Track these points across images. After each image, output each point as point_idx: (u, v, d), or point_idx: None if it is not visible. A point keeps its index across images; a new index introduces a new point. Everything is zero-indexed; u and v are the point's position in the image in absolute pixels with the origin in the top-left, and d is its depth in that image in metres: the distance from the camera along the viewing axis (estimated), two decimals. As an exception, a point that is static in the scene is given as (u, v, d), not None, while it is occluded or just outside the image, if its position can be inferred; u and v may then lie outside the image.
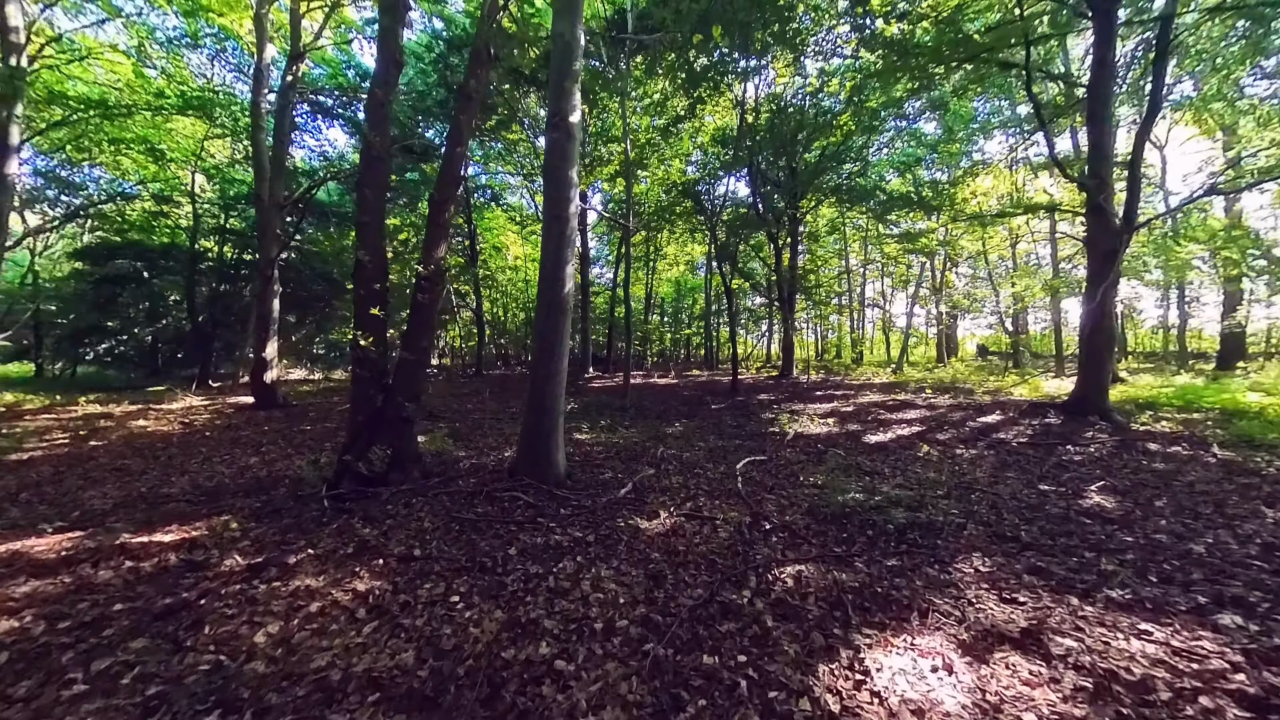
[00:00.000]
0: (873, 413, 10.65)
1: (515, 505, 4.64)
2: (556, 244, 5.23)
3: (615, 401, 12.48)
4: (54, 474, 5.96)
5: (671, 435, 8.75)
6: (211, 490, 5.24)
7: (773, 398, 13.67)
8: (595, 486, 5.38)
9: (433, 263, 5.57)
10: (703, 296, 28.27)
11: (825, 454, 7.16)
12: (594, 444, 7.83)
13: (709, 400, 13.19)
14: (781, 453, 7.36)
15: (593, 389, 16.41)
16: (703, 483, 5.81)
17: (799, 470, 6.35)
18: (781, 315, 19.27)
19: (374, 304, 5.29)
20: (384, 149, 5.68)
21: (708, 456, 7.12)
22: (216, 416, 10.64)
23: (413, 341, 5.44)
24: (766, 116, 15.58)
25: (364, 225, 5.54)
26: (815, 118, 15.53)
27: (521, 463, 5.29)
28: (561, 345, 5.24)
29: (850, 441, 8.03)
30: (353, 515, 4.31)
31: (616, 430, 9.08)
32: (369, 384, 5.23)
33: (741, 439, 8.44)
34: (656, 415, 11.00)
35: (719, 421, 10.12)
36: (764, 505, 4.98)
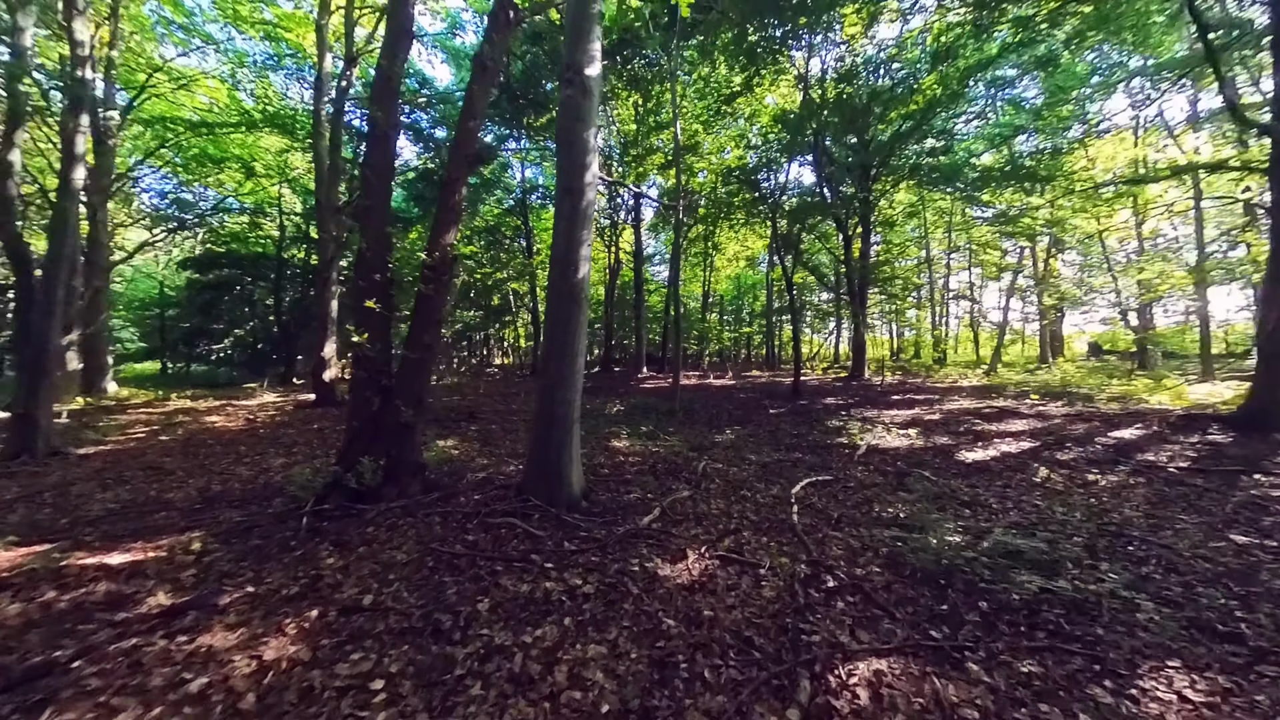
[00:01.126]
0: (965, 422, 8.84)
1: (511, 534, 3.78)
2: (569, 221, 4.33)
3: (664, 404, 11.47)
4: (94, 471, 5.94)
5: (719, 445, 7.60)
6: (214, 497, 4.87)
7: (840, 402, 12.03)
8: (615, 510, 4.42)
9: (440, 250, 4.87)
10: (764, 293, 26.51)
11: (908, 475, 5.72)
12: (628, 453, 6.88)
13: (767, 404, 11.82)
14: (850, 471, 6.01)
15: (644, 390, 15.50)
16: (749, 509, 4.67)
17: (873, 497, 5.01)
18: (851, 311, 17.32)
19: (374, 296, 4.66)
20: (388, 127, 5.07)
21: (759, 473, 5.93)
22: (278, 413, 10.86)
23: (416, 338, 4.76)
24: (834, 90, 13.87)
25: (366, 210, 4.95)
26: (892, 87, 13.61)
27: (529, 480, 4.44)
28: (575, 342, 4.33)
29: (939, 459, 6.49)
30: (325, 538, 3.65)
31: (658, 437, 8.08)
32: (366, 386, 4.62)
33: (801, 451, 7.13)
34: (706, 420, 9.86)
35: (776, 429, 8.81)
36: (826, 547, 3.77)
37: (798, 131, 13.43)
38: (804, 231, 16.50)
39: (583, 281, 4.35)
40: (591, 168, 4.43)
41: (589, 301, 4.54)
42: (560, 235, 4.36)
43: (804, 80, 13.40)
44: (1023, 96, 15.08)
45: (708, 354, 24.28)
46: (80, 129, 6.88)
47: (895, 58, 14.28)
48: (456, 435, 7.99)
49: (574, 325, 4.32)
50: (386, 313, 4.75)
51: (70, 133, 6.84)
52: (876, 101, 13.12)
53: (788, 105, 15.00)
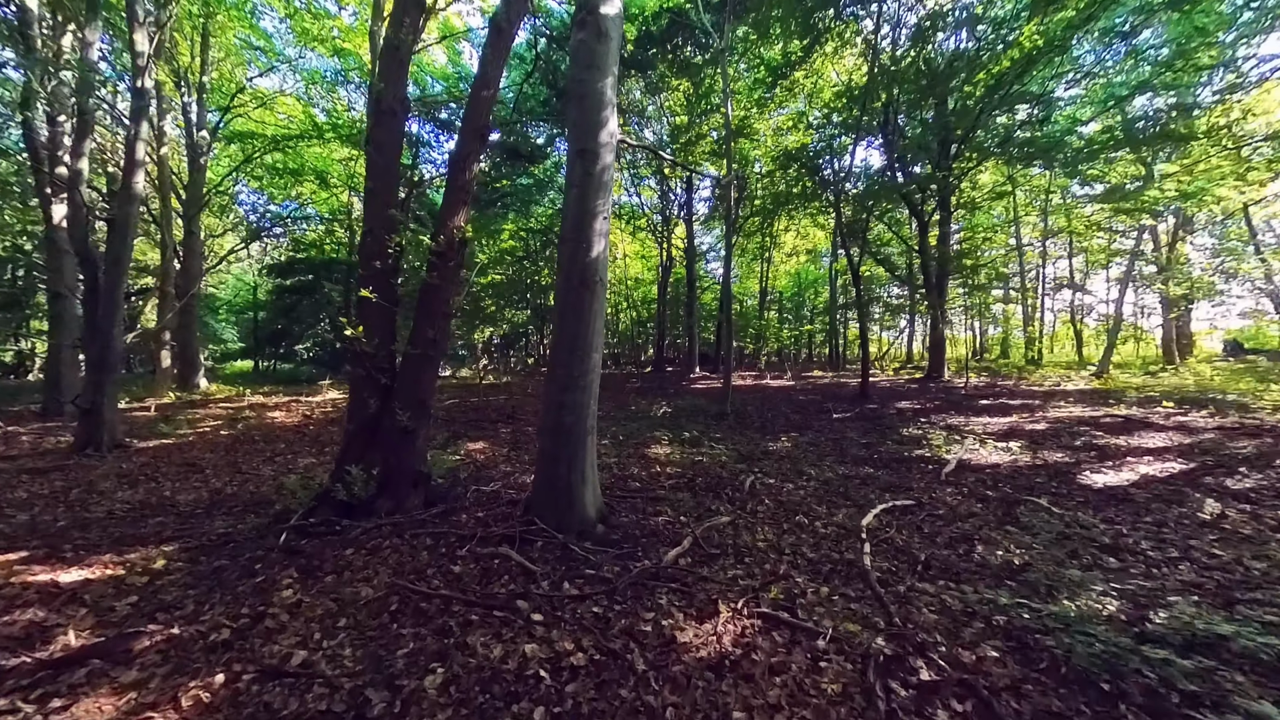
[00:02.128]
0: (1082, 434, 7.17)
1: (504, 566, 3.06)
2: (581, 189, 3.56)
3: (714, 406, 10.50)
4: (138, 466, 5.95)
5: (772, 455, 6.56)
6: (221, 500, 4.57)
7: (917, 406, 10.47)
8: (637, 538, 3.59)
9: (447, 234, 4.28)
10: (826, 289, 24.59)
11: (1017, 504, 4.44)
12: (667, 462, 6.02)
13: (830, 408, 10.50)
14: (938, 494, 4.80)
15: (695, 390, 14.54)
16: (805, 542, 3.67)
17: (973, 533, 3.84)
18: (927, 305, 15.37)
19: (374, 285, 4.15)
20: (395, 103, 4.56)
21: (819, 493, 4.87)
22: (334, 410, 11.01)
23: (419, 333, 4.19)
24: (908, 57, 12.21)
25: (370, 193, 4.46)
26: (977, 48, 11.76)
27: (536, 499, 3.71)
28: (588, 336, 3.55)
29: (1055, 482, 5.09)
30: (295, 561, 3.11)
31: (702, 444, 7.15)
32: (363, 386, 4.10)
33: (872, 466, 5.94)
34: (758, 425, 8.78)
35: (841, 438, 7.60)
36: (914, 610, 2.73)
37: (865, 105, 11.91)
38: (872, 219, 14.81)
39: (597, 262, 3.57)
40: (608, 125, 3.63)
41: (606, 286, 3.75)
42: (571, 206, 3.60)
43: (873, 49, 11.87)
44: (1146, 46, 12.55)
45: (765, 353, 22.80)
46: (140, 136, 7.04)
47: (981, 17, 12.36)
48: (488, 438, 7.51)
49: (587, 315, 3.54)
50: (387, 304, 4.21)
51: (131, 140, 7.02)
52: (959, 65, 11.35)
53: (854, 79, 13.45)
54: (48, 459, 6.26)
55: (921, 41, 11.34)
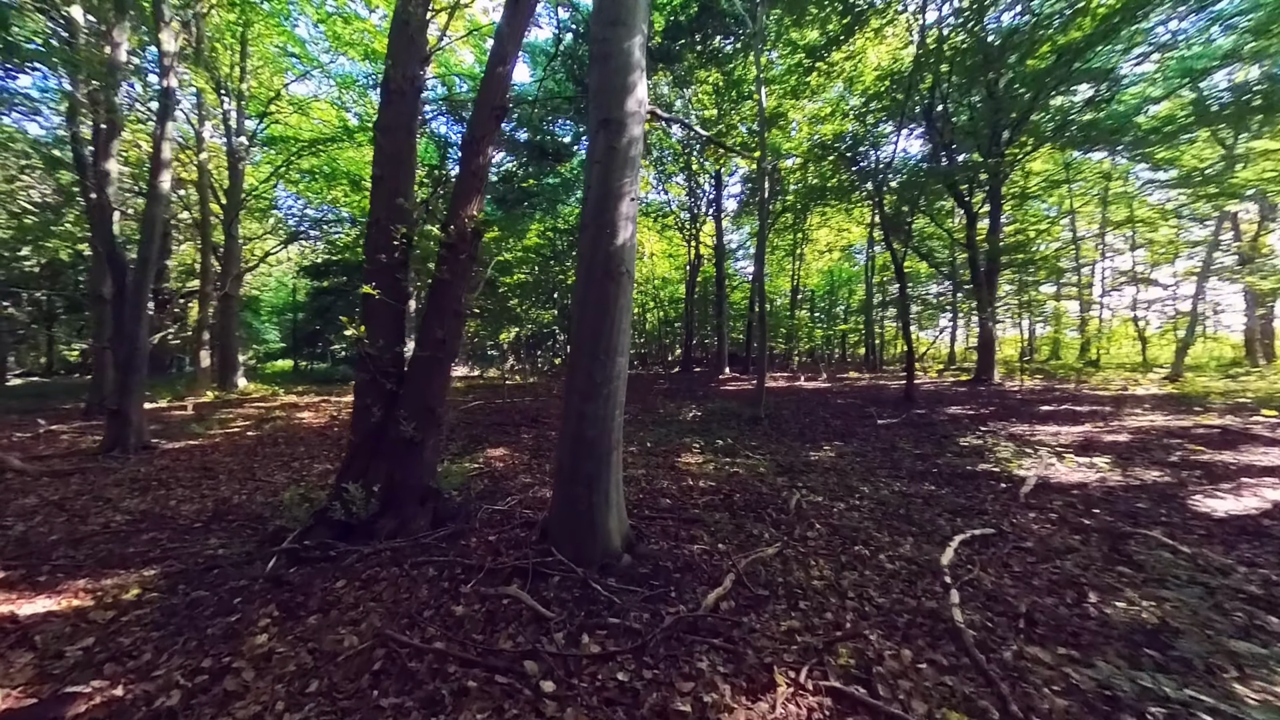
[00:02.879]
0: (1175, 448, 6.21)
1: (514, 610, 2.56)
2: (605, 165, 3.03)
3: (747, 410, 9.84)
4: (155, 470, 5.77)
5: (816, 467, 5.89)
6: (224, 512, 4.26)
7: (970, 412, 9.54)
8: (668, 570, 3.04)
9: (458, 224, 3.83)
10: (862, 287, 23.42)
11: (1123, 535, 3.67)
12: (699, 474, 5.44)
13: (872, 412, 9.67)
14: (1020, 520, 4.06)
15: (725, 392, 13.87)
16: (870, 581, 3.04)
17: (1079, 574, 3.12)
18: (976, 301, 14.24)
19: (379, 281, 3.74)
20: (405, 82, 4.14)
21: (876, 516, 4.20)
22: (360, 411, 10.87)
23: (428, 333, 3.76)
24: (956, 36, 11.23)
25: (377, 181, 4.06)
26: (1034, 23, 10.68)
27: (553, 525, 3.20)
28: (613, 336, 3.02)
29: (1161, 506, 4.27)
30: (279, 596, 2.70)
31: (737, 453, 6.53)
32: (367, 391, 3.69)
33: (934, 482, 5.21)
34: (796, 432, 8.08)
35: (891, 447, 6.84)
36: (1032, 692, 2.08)
37: (911, 89, 10.98)
38: (916, 212, 13.79)
39: (623, 250, 3.03)
40: (636, 91, 3.09)
41: (633, 278, 3.20)
42: (593, 186, 3.08)
43: (921, 27, 10.95)
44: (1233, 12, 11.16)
45: (797, 354, 21.87)
46: (167, 136, 6.93)
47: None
48: (510, 443, 7.09)
49: (612, 311, 3.01)
50: (393, 302, 3.79)
51: (158, 139, 6.91)
52: (1019, 38, 10.33)
53: (898, 61, 12.50)
54: (74, 460, 6.18)
55: (977, 15, 10.35)
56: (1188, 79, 13.00)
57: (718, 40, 14.76)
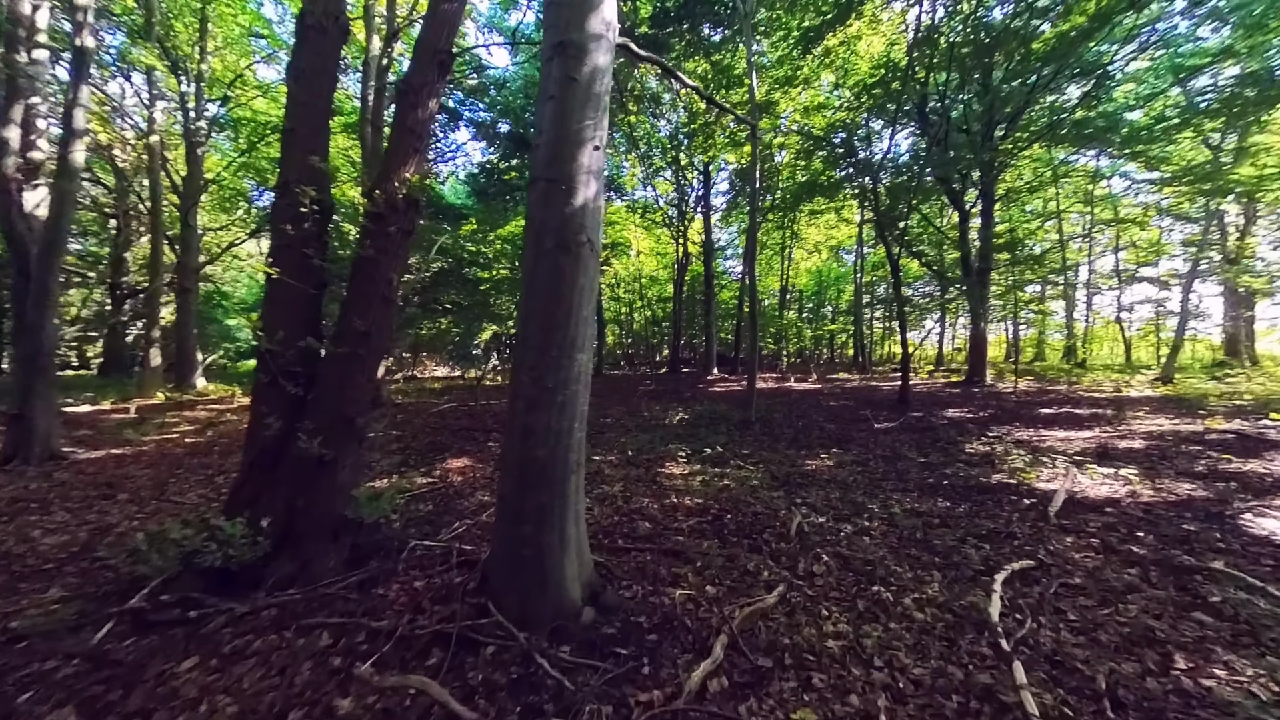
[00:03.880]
0: (1197, 456, 5.68)
1: (423, 707, 1.80)
2: (561, 101, 2.30)
3: (737, 412, 9.18)
4: (43, 489, 4.86)
5: (814, 478, 5.22)
6: (84, 551, 3.41)
7: (969, 415, 8.99)
8: (642, 631, 2.32)
9: (388, 189, 3.07)
10: (850, 287, 22.99)
11: (1187, 570, 3.04)
12: (685, 489, 4.72)
13: (868, 415, 9.08)
14: (1057, 546, 3.42)
15: (714, 394, 13.21)
16: (901, 641, 2.35)
17: (1151, 624, 2.47)
18: (969, 301, 13.81)
19: (282, 260, 2.95)
20: (326, 18, 3.35)
21: (892, 543, 3.53)
22: (320, 414, 9.96)
23: (347, 325, 2.98)
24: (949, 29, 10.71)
25: (289, 135, 3.26)
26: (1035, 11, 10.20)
27: (495, 571, 2.45)
28: (571, 326, 2.28)
29: (1212, 527, 3.67)
30: (88, 688, 1.91)
31: (727, 462, 5.84)
32: (265, 397, 2.90)
33: (948, 497, 4.56)
34: (790, 437, 7.42)
35: (894, 455, 6.21)
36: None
37: (906, 82, 10.42)
38: (910, 209, 13.30)
39: (584, 214, 2.30)
40: (602, 9, 2.36)
41: (599, 252, 2.46)
42: (545, 130, 2.34)
43: (916, 19, 10.40)
44: (1229, 8, 10.81)
45: (786, 354, 21.33)
46: (80, 102, 6.01)
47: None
48: (474, 452, 6.30)
49: (569, 297, 2.28)
50: (303, 285, 3.01)
51: (69, 105, 5.99)
52: (1018, 25, 9.84)
53: (892, 53, 11.96)
54: (-43, 474, 5.24)
55: (971, 8, 9.83)
56: (1180, 76, 12.72)
57: (705, 30, 14.13)
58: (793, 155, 16.41)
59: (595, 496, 4.41)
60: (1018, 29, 9.90)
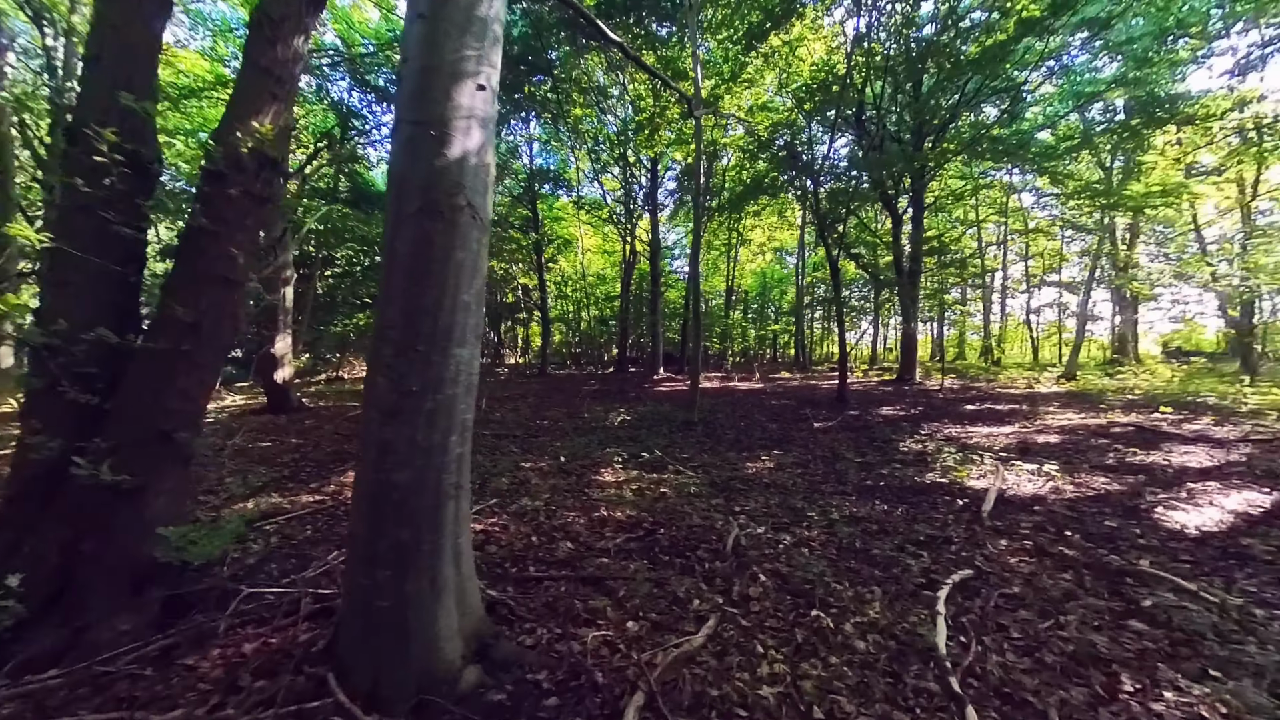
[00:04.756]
0: (1107, 450, 5.94)
1: None
2: (432, 21, 1.77)
3: (681, 413, 8.87)
4: None
5: (755, 482, 4.94)
6: None
7: (902, 413, 9.18)
8: (538, 696, 1.85)
9: (228, 142, 2.39)
10: (792, 289, 23.54)
11: (1118, 572, 2.95)
12: (618, 501, 4.28)
13: (808, 414, 9.06)
14: (992, 550, 3.28)
15: (659, 394, 12.90)
16: (844, 681, 2.02)
17: (1092, 638, 2.29)
18: (900, 302, 14.35)
19: (74, 225, 2.22)
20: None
21: (831, 555, 3.25)
22: (216, 423, 8.68)
23: (166, 313, 2.29)
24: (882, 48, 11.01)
25: (92, 65, 2.50)
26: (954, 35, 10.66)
27: (345, 628, 1.89)
28: (443, 313, 1.76)
29: (1130, 521, 3.69)
30: None
31: (666, 467, 5.46)
32: (40, 407, 2.16)
33: (885, 500, 4.41)
34: (732, 439, 7.18)
35: (832, 455, 6.08)
36: None
37: (843, 91, 10.56)
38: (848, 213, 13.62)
39: (461, 169, 1.78)
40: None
41: (486, 222, 1.94)
42: (412, 57, 1.80)
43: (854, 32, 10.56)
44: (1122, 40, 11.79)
45: (731, 354, 21.47)
46: None
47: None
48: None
49: (441, 275, 1.76)
50: (102, 259, 2.28)
51: None
52: (934, 50, 10.21)
53: (833, 59, 12.13)
54: None
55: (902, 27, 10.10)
56: (1079, 102, 13.83)
57: (653, 25, 13.81)
58: (739, 159, 16.48)
59: (514, 513, 3.88)
60: (944, 43, 10.26)
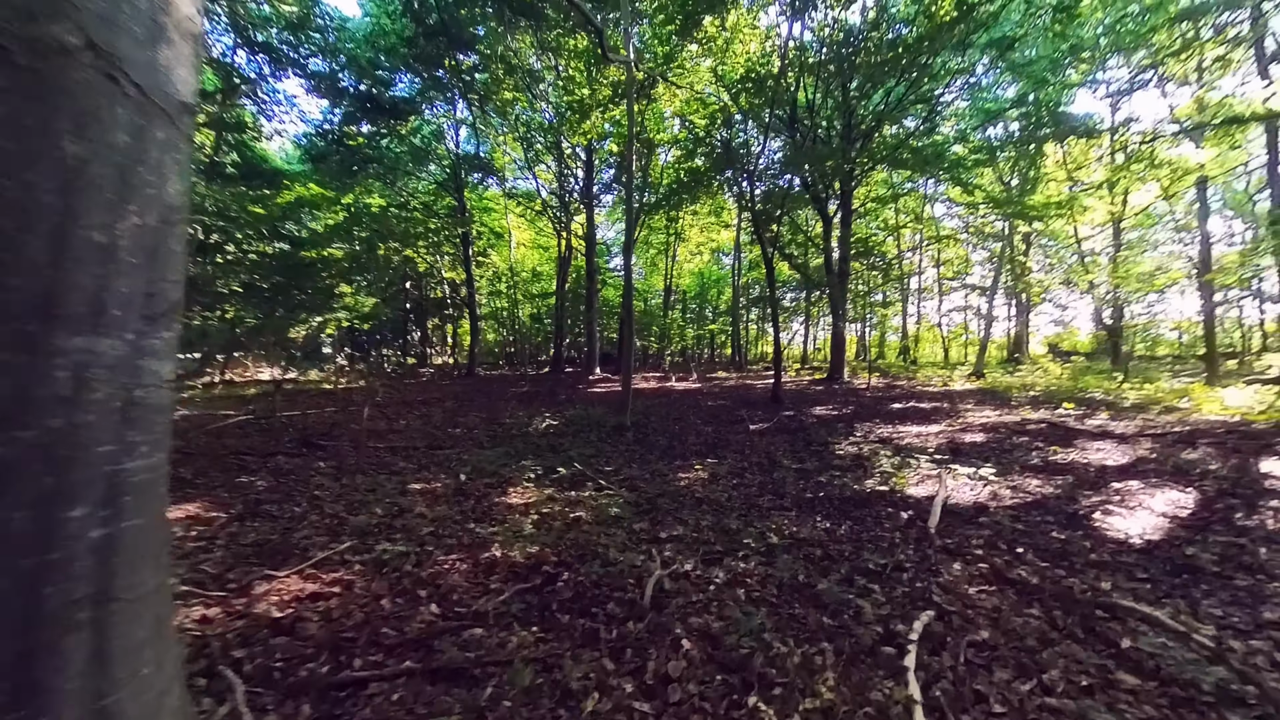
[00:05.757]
0: (1029, 449, 5.91)
1: None
2: None
3: (612, 418, 8.12)
4: None
5: (687, 497, 4.29)
6: None
7: (835, 413, 9.03)
8: None
9: None
10: (730, 289, 23.60)
11: (1088, 605, 2.54)
12: (518, 533, 3.43)
13: (744, 415, 8.65)
14: (946, 575, 2.80)
15: (593, 395, 12.10)
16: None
17: (1081, 699, 1.80)
18: (830, 301, 14.53)
19: None
20: None
21: (770, 594, 2.61)
22: None
23: None
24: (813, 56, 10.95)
25: None
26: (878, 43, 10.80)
27: None
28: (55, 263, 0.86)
29: (1077, 532, 3.40)
30: None
31: (585, 482, 4.68)
32: None
33: (828, 515, 3.90)
34: (665, 445, 6.53)
35: (769, 461, 5.59)
36: None
37: (775, 94, 10.35)
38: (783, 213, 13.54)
39: None
40: None
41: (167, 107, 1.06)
42: None
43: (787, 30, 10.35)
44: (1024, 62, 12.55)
45: (669, 354, 21.09)
46: None
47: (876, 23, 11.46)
48: (215, 491, 4.31)
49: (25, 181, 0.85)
50: None
51: None
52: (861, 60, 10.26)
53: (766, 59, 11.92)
54: None
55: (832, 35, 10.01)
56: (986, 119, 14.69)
57: (589, 4, 12.98)
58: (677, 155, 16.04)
59: (370, 562, 2.92)
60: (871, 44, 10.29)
